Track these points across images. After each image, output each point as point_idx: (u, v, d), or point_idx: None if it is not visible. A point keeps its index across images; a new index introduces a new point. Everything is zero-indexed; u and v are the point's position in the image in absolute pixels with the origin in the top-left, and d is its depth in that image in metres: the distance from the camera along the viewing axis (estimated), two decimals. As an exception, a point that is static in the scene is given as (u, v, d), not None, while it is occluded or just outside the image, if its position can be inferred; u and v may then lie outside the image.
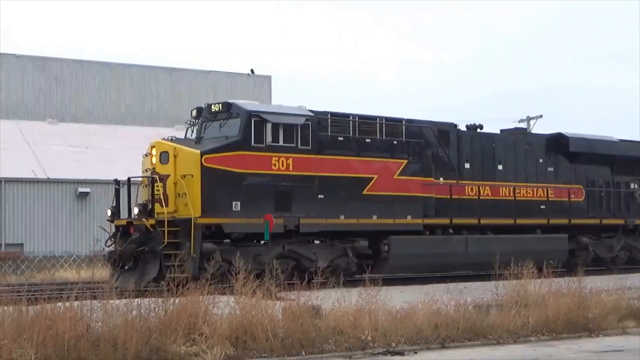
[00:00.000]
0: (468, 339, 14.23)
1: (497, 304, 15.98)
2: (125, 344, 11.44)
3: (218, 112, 21.47)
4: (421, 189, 23.87)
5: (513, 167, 26.72)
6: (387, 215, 23.00)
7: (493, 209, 25.54)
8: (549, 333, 15.13)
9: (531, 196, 26.90)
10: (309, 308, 13.69)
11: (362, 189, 22.71)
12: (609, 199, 29.17)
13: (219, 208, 20.33)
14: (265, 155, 21.04)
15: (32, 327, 11.16)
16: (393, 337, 13.48)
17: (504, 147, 26.82)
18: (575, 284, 16.51)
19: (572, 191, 27.86)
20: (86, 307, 11.91)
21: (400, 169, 23.51)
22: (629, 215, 29.26)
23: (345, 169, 22.49)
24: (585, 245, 27.65)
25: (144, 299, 12.54)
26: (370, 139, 23.25)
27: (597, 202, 28.77)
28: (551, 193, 27.28)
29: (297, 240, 21.65)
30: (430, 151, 24.55)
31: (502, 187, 26.02)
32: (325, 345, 13.00)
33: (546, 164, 27.67)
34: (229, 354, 12.15)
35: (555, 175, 27.80)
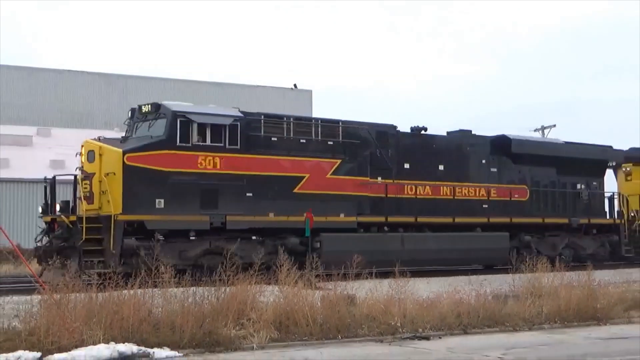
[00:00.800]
0: (487, 326, 14.14)
1: (514, 294, 15.88)
2: (182, 327, 11.52)
3: (148, 112, 20.37)
4: (355, 187, 22.66)
5: (455, 167, 25.31)
6: (320, 213, 21.59)
7: (433, 207, 24.22)
8: (561, 321, 14.98)
9: (473, 196, 25.44)
10: (344, 297, 13.71)
11: (293, 188, 21.54)
12: (554, 198, 27.68)
13: (140, 205, 19.14)
14: (190, 154, 19.89)
15: (100, 312, 11.28)
16: (420, 324, 13.43)
17: (445, 148, 25.47)
18: (585, 278, 16.34)
19: (515, 191, 26.44)
20: (148, 294, 12.01)
21: (333, 169, 22.36)
22: (574, 214, 27.75)
23: (275, 168, 21.29)
24: (528, 243, 26.13)
25: (199, 288, 12.62)
26: (305, 140, 22.06)
27: (542, 201, 27.28)
28: (494, 193, 25.82)
29: (225, 237, 20.34)
30: (368, 151, 23.26)
31: (442, 186, 24.63)
32: (359, 330, 12.99)
33: (489, 164, 26.26)
34: (273, 337, 12.18)
35: (498, 176, 26.38)
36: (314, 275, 14.34)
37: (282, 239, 20.91)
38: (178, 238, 19.67)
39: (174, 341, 11.32)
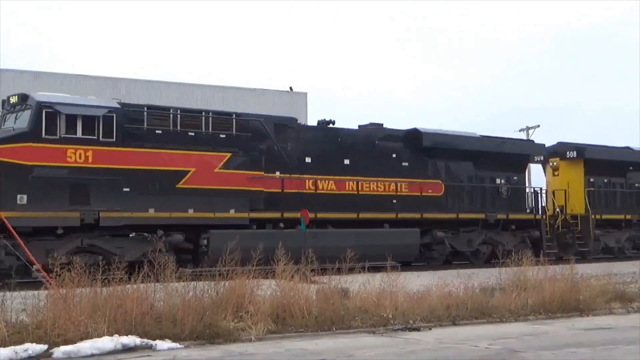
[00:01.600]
0: (475, 318, 14.15)
1: (500, 287, 15.91)
2: (183, 320, 11.51)
3: (16, 104, 18.67)
4: (248, 182, 20.74)
5: (362, 161, 23.33)
6: (207, 209, 19.94)
7: (337, 203, 22.38)
8: (545, 313, 15.01)
9: (381, 191, 23.47)
10: (338, 290, 13.71)
11: (177, 182, 19.72)
12: (471, 193, 25.86)
13: (1, 201, 17.30)
14: (58, 147, 18.11)
15: (104, 306, 11.26)
16: (411, 316, 13.45)
17: (352, 142, 23.51)
18: (568, 271, 16.37)
19: (428, 186, 24.55)
20: (150, 289, 11.99)
21: (222, 163, 20.52)
22: (492, 209, 25.92)
23: (157, 161, 19.45)
24: (441, 239, 24.43)
25: (199, 282, 12.60)
26: (195, 132, 20.29)
27: (458, 196, 25.44)
28: (405, 188, 23.93)
29: (99, 234, 18.73)
30: (265, 145, 21.50)
31: (348, 181, 22.84)
32: (353, 322, 13.00)
33: (400, 159, 24.31)
34: (270, 329, 12.18)
35: (410, 170, 24.38)
36: (309, 270, 14.32)
37: (166, 236, 19.00)
38: (47, 236, 18.06)
39: (175, 333, 11.31)
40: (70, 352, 10.26)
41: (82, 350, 10.32)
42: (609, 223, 29.59)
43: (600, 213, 28.85)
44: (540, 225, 27.10)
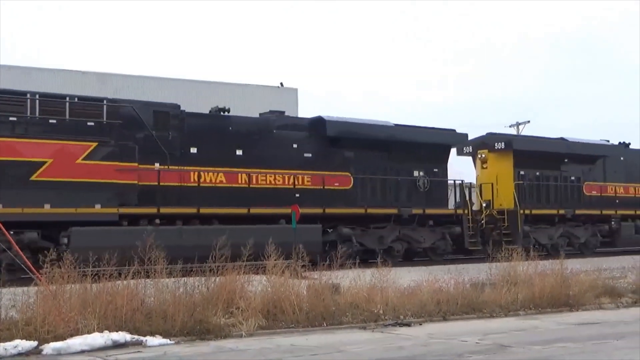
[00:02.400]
0: (466, 313, 14.19)
1: (490, 282, 15.93)
2: (174, 316, 11.49)
3: None
4: (117, 174, 18.58)
5: (257, 152, 21.21)
6: (67, 204, 17.82)
7: (227, 197, 20.21)
8: (535, 308, 15.06)
9: (280, 184, 21.32)
10: (329, 286, 13.72)
11: (31, 175, 17.62)
12: (383, 186, 23.49)
13: None
14: None
15: (95, 302, 11.23)
16: (401, 311, 13.46)
17: (246, 131, 21.30)
18: (558, 266, 16.41)
19: (334, 178, 22.33)
20: (141, 285, 11.96)
21: (86, 153, 18.30)
22: (408, 204, 23.63)
23: (7, 152, 17.43)
24: (348, 236, 22.11)
25: (189, 278, 12.56)
26: (57, 120, 18.24)
27: (369, 190, 23.14)
28: (307, 181, 21.74)
29: None
30: (141, 134, 19.36)
31: (240, 174, 20.67)
32: (344, 317, 13.00)
33: (303, 149, 22.09)
34: (261, 324, 12.18)
35: (314, 162, 22.08)
36: (300, 265, 14.30)
37: (17, 234, 16.93)
38: None
39: (165, 329, 11.30)
40: (60, 349, 10.22)
41: (72, 347, 10.29)
42: (541, 219, 27.29)
43: (530, 208, 26.71)
44: (462, 221, 24.79)
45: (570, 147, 28.56)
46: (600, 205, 28.76)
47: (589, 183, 28.85)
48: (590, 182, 28.89)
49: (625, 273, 19.21)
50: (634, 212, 29.62)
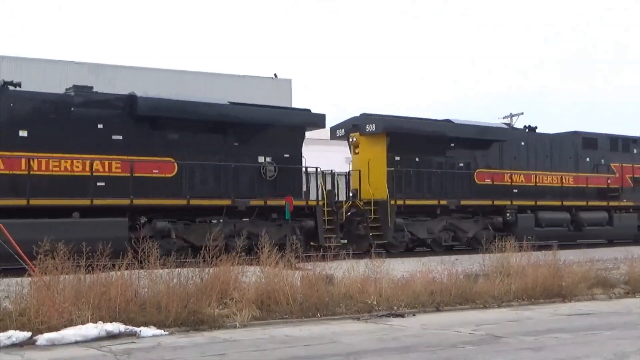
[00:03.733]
0: (459, 304, 14.22)
1: (484, 273, 15.98)
2: (168, 306, 11.49)
3: None
4: None
5: (46, 133, 17.98)
6: None
7: (6, 186, 17.28)
8: (528, 299, 15.11)
9: (78, 171, 18.17)
10: (323, 277, 13.74)
11: None
12: (216, 174, 20.24)
13: None
14: None
15: (88, 293, 11.22)
16: (395, 302, 13.49)
17: (33, 109, 18.09)
18: (551, 257, 16.46)
19: (152, 165, 19.17)
20: (134, 276, 11.95)
21: None
22: (250, 194, 20.42)
23: None
24: (165, 231, 19.14)
25: (183, 269, 12.56)
26: None
27: (199, 178, 19.97)
28: (117, 167, 18.67)
29: None
30: None
31: (21, 159, 17.43)
32: (337, 308, 13.03)
33: (110, 130, 18.88)
34: (255, 315, 12.19)
35: (125, 145, 18.93)
36: (294, 256, 14.30)
37: None
38: None
39: (159, 320, 11.30)
40: (54, 339, 10.22)
41: (66, 337, 10.29)
42: (420, 210, 23.89)
43: (405, 198, 23.18)
44: (315, 213, 21.54)
45: (457, 129, 25.11)
46: (494, 195, 25.29)
47: (481, 170, 25.39)
48: (483, 169, 25.44)
49: (618, 264, 19.27)
50: (534, 202, 26.26)
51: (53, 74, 34.83)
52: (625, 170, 29.29)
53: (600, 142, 29.12)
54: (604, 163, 28.90)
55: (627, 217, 29.11)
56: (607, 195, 28.51)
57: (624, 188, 28.99)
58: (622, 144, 29.78)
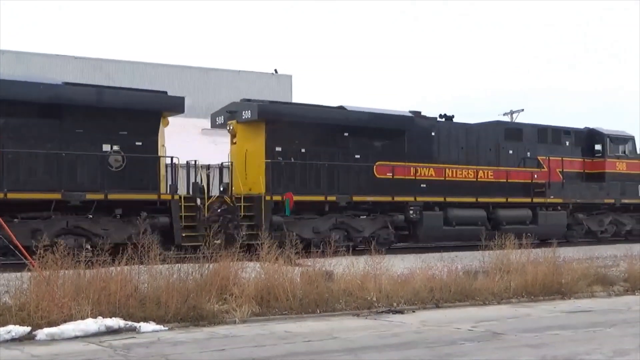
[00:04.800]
0: (458, 300, 14.23)
1: (483, 270, 15.98)
2: (167, 302, 11.49)
3: None
4: None
5: None
6: None
7: None
8: (527, 296, 15.11)
9: None
10: (322, 273, 13.73)
11: None
12: (51, 164, 17.59)
13: None
14: None
15: (88, 288, 11.22)
16: (394, 298, 13.49)
17: None
18: (550, 254, 16.47)
19: None
20: (134, 271, 11.95)
21: None
22: (91, 186, 17.88)
23: None
24: None
25: (183, 265, 12.57)
26: None
27: (26, 168, 17.42)
28: None
29: None
30: None
31: None
32: (337, 304, 13.03)
33: None
34: (255, 311, 12.19)
35: None
36: (293, 252, 14.30)
37: None
38: None
39: (159, 316, 11.31)
40: (53, 334, 10.23)
41: (66, 332, 10.29)
42: (305, 207, 21.05)
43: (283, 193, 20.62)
44: (170, 209, 18.84)
45: (350, 117, 22.39)
46: (397, 190, 22.46)
47: (382, 163, 22.54)
48: (383, 162, 22.58)
49: (618, 262, 19.27)
50: (442, 198, 23.46)
51: (54, 68, 34.85)
52: (554, 164, 26.65)
53: (527, 133, 26.61)
54: (530, 156, 26.31)
55: (555, 215, 26.38)
56: (533, 191, 25.80)
57: (551, 183, 26.29)
58: (552, 135, 27.31)
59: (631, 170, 28.73)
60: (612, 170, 28.21)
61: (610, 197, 27.89)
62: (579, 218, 27.18)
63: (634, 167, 28.84)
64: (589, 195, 27.39)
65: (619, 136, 28.91)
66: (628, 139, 29.12)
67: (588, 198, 27.31)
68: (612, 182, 28.02)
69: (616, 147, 28.62)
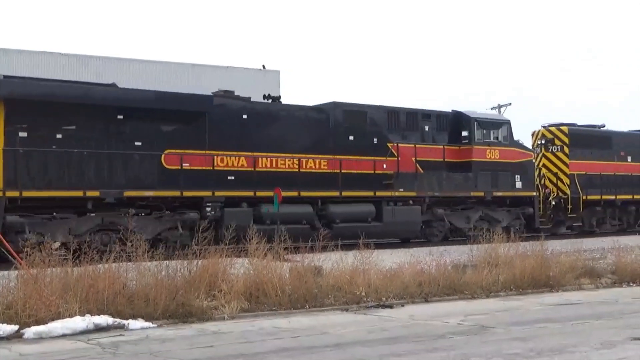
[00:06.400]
0: (447, 294, 14.26)
1: (472, 264, 16.02)
2: (156, 299, 11.46)
3: None
4: None
5: None
6: None
7: None
8: (516, 289, 15.16)
9: None
10: (311, 268, 13.74)
11: None
12: None
13: None
14: None
15: (76, 286, 11.18)
16: (383, 293, 13.51)
17: None
18: (539, 247, 16.53)
19: None
20: (122, 268, 11.92)
21: None
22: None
23: None
24: None
25: (172, 261, 12.53)
26: None
27: None
28: None
29: None
30: None
31: None
32: (326, 300, 13.03)
33: None
34: (244, 307, 12.18)
35: None
36: (282, 248, 14.28)
37: None
38: None
39: (148, 313, 11.27)
40: (41, 333, 10.18)
41: (54, 331, 10.24)
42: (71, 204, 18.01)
43: (24, 189, 17.15)
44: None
45: (125, 97, 19.35)
46: (191, 183, 19.51)
47: (172, 152, 19.42)
48: (174, 151, 19.46)
49: (605, 254, 19.37)
50: (252, 193, 20.35)
51: (40, 65, 34.64)
52: (408, 152, 23.27)
53: (374, 117, 23.20)
54: (377, 143, 22.82)
55: (405, 211, 22.95)
56: (380, 184, 22.49)
57: (401, 174, 22.89)
58: (406, 119, 23.91)
59: (505, 158, 25.44)
60: (481, 159, 24.91)
61: (479, 190, 24.75)
62: (439, 214, 23.81)
63: (509, 155, 25.57)
64: (452, 188, 24.15)
65: (490, 120, 25.89)
66: (501, 123, 26.06)
67: (450, 191, 24.05)
68: (482, 173, 24.85)
69: (487, 132, 25.22)
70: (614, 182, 29.48)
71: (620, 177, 29.81)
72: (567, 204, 27.74)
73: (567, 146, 28.50)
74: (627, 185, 29.99)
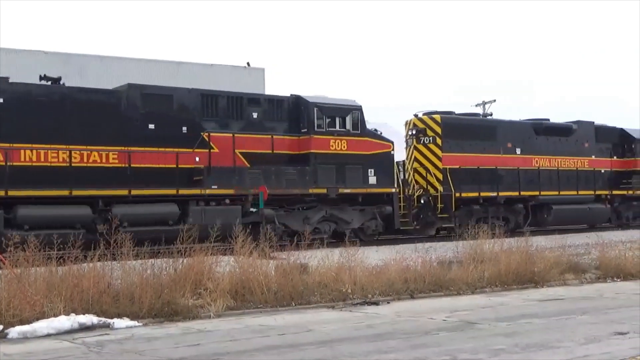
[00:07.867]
0: (433, 291, 14.30)
1: (457, 260, 16.08)
2: (141, 298, 11.42)
3: None
4: None
5: None
6: None
7: None
8: (501, 285, 15.23)
9: None
10: (297, 266, 13.73)
11: None
12: None
13: None
14: None
15: (60, 285, 11.13)
16: (369, 290, 13.53)
17: None
18: (523, 243, 16.61)
19: None
20: (107, 267, 11.88)
21: None
22: None
23: None
24: None
25: (157, 260, 12.49)
26: None
27: None
28: None
29: None
30: None
31: None
32: (312, 297, 13.04)
33: None
34: (230, 305, 12.16)
35: None
36: (268, 246, 14.28)
37: None
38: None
39: (133, 312, 11.24)
40: (26, 332, 10.12)
41: (39, 330, 10.19)
42: None
43: None
44: None
45: None
46: None
47: None
48: None
49: (589, 250, 19.51)
50: (4, 192, 17.21)
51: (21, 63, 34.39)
52: (227, 143, 20.36)
53: (183, 101, 20.34)
54: (187, 132, 20.01)
55: (220, 212, 19.57)
56: (190, 180, 19.76)
57: (214, 168, 20.02)
58: (227, 104, 20.99)
59: (355, 150, 22.47)
60: (323, 150, 21.92)
61: (320, 186, 21.74)
62: (269, 214, 20.50)
63: (359, 146, 22.58)
64: (284, 184, 21.14)
65: (334, 106, 22.47)
66: (350, 109, 22.64)
67: (282, 188, 21.05)
68: (323, 166, 21.87)
69: (331, 120, 22.15)
70: (498, 178, 26.50)
71: (505, 172, 26.81)
72: (437, 202, 24.89)
73: (439, 137, 25.53)
74: (514, 180, 27.04)
